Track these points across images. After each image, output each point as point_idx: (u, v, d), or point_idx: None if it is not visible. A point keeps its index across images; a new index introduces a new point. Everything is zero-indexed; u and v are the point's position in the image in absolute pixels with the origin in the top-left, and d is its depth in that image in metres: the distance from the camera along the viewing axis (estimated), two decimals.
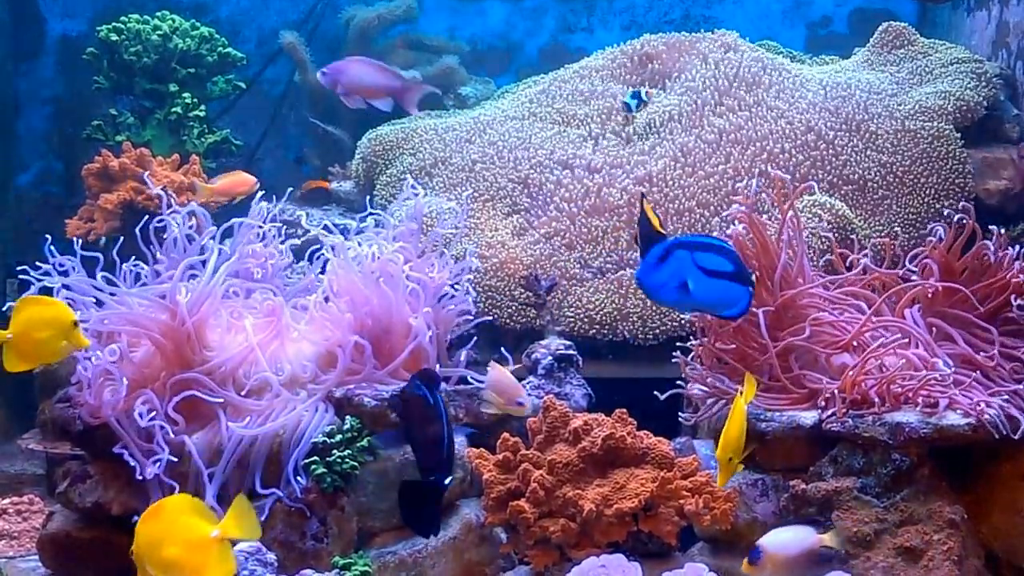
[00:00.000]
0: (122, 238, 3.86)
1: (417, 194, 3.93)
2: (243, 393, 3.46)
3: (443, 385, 3.36)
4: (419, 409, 2.97)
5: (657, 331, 4.22)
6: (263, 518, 3.26)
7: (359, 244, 3.68)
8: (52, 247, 3.51)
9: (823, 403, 3.26)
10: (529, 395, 3.78)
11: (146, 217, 3.72)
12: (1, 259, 5.15)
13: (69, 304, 3.28)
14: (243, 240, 3.75)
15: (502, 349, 3.65)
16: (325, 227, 3.76)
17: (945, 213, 3.60)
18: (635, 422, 3.32)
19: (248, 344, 3.51)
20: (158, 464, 3.30)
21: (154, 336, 3.46)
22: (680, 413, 3.61)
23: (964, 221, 3.47)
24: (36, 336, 3.01)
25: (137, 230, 3.63)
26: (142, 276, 3.59)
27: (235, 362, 3.49)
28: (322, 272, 3.72)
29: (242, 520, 2.50)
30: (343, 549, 3.32)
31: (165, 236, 3.65)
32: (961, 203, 3.64)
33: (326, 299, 3.63)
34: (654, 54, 5.16)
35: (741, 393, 3.05)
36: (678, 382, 3.58)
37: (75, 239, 3.61)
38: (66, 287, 3.50)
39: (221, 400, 3.40)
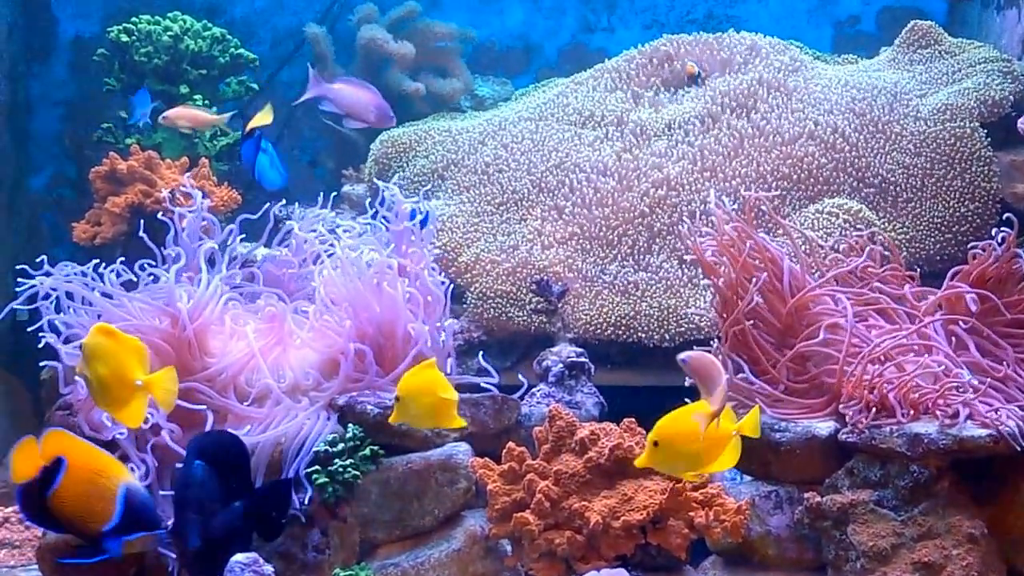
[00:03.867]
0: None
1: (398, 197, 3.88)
2: (247, 402, 3.40)
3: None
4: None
5: (672, 332, 4.13)
6: None
7: (358, 249, 3.62)
8: (57, 251, 3.49)
9: (844, 404, 3.18)
10: (539, 403, 3.72)
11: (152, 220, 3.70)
12: (13, 262, 5.11)
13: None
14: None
15: None
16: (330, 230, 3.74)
17: (993, 232, 3.49)
18: (644, 432, 3.23)
19: (249, 351, 3.44)
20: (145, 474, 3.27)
21: (155, 342, 3.41)
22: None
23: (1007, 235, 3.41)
24: (420, 400, 3.06)
25: (143, 233, 3.63)
26: (140, 281, 3.56)
27: (236, 369, 3.45)
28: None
29: None
30: (345, 560, 3.26)
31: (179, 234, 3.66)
32: (1006, 215, 3.53)
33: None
34: (674, 54, 5.07)
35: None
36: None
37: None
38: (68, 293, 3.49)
39: (215, 407, 3.34)
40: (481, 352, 3.65)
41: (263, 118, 4.10)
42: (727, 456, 2.83)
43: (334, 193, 4.13)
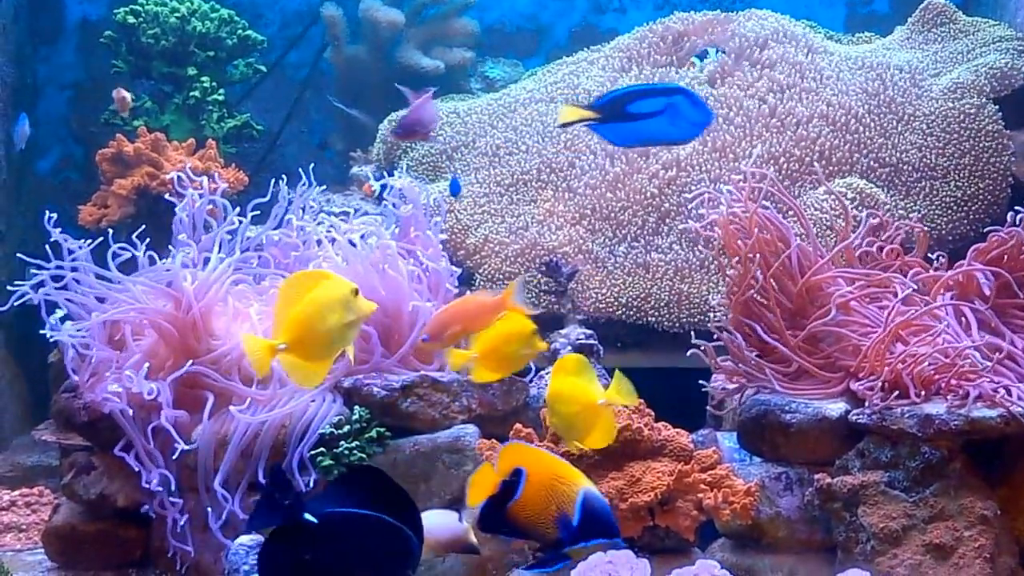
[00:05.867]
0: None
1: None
2: (253, 385, 3.38)
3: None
4: None
5: (683, 320, 4.11)
6: None
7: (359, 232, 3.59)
8: (64, 233, 3.47)
9: (862, 383, 3.14)
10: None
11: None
12: (20, 245, 5.10)
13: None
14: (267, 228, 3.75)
15: None
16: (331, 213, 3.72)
17: (1009, 216, 3.44)
18: (653, 413, 3.20)
19: (253, 332, 3.42)
20: (159, 476, 3.29)
21: (159, 325, 3.39)
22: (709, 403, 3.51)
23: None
24: (504, 350, 3.00)
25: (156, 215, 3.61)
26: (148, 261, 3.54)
27: (241, 350, 3.40)
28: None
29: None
30: None
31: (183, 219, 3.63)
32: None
33: None
34: (685, 32, 5.03)
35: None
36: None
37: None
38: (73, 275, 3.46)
39: (219, 389, 3.32)
40: None
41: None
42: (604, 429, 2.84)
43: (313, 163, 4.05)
